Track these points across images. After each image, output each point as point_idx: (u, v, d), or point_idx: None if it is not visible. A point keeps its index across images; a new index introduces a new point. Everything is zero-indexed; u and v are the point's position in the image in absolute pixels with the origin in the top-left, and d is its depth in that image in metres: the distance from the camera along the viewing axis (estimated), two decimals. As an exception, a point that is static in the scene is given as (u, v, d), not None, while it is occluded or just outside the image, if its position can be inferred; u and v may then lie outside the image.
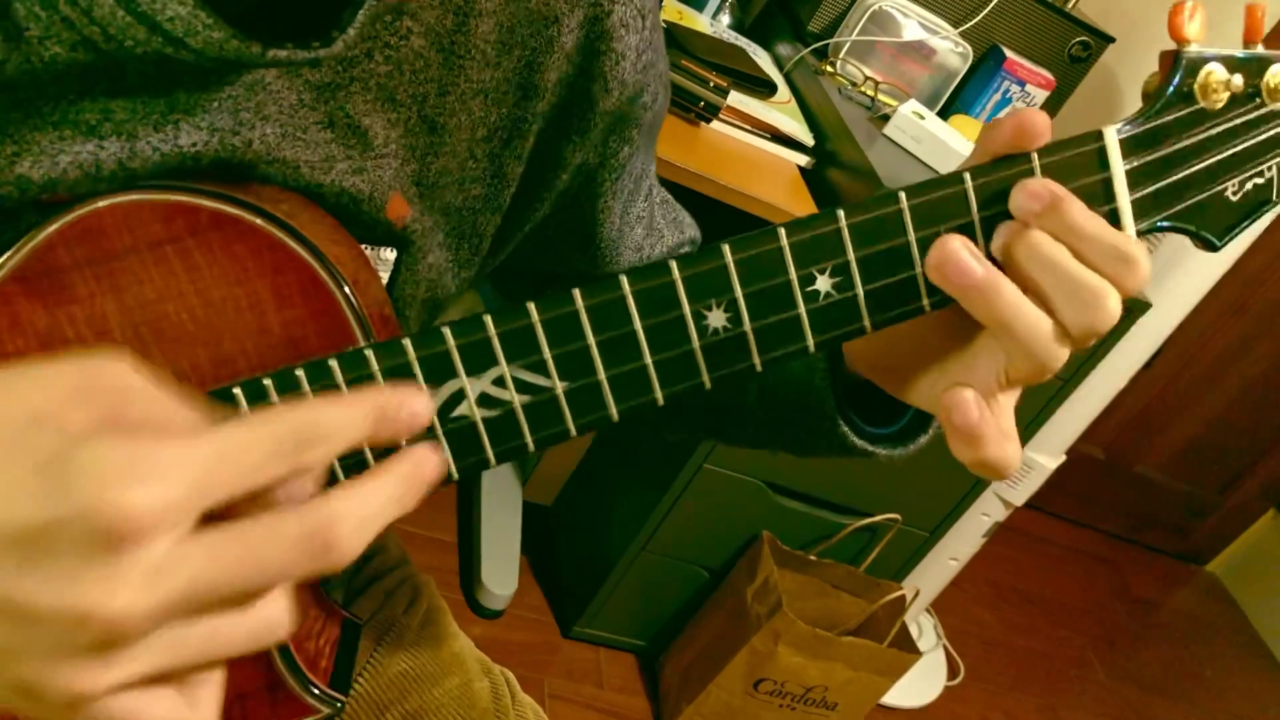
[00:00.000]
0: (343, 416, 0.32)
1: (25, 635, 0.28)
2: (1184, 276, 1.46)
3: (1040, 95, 1.50)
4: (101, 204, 0.36)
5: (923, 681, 1.85)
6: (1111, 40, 1.51)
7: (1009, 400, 0.41)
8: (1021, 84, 1.48)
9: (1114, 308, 0.37)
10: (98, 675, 0.28)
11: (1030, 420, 1.38)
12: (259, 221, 0.37)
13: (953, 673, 1.93)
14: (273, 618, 0.31)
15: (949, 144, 1.26)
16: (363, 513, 0.31)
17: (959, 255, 0.37)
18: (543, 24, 0.48)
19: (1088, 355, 1.32)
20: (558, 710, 1.50)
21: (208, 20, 0.35)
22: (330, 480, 0.37)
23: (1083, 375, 1.34)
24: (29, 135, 0.36)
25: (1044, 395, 1.36)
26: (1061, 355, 0.38)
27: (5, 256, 0.36)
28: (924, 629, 1.93)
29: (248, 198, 0.38)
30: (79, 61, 0.36)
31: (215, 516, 0.30)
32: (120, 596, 0.27)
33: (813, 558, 1.49)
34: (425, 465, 0.33)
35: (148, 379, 0.31)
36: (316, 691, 0.42)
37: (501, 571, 1.58)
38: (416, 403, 0.33)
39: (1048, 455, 1.60)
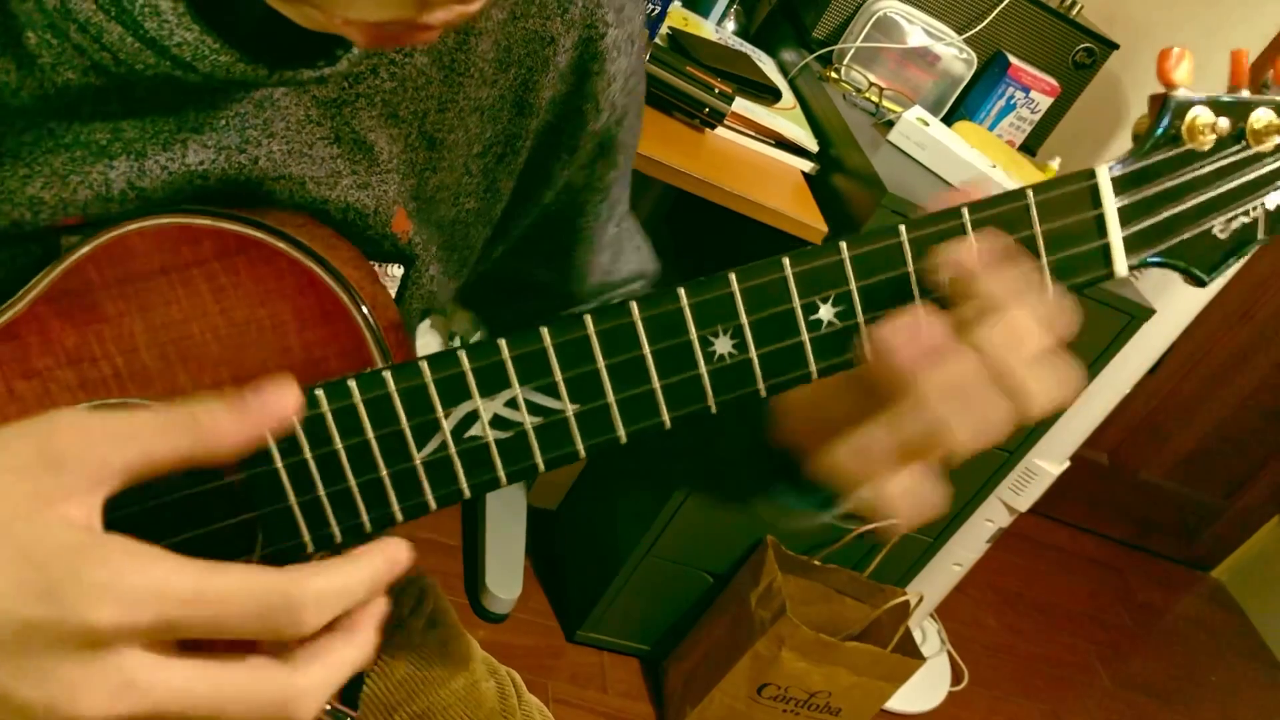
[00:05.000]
0: (330, 587, 0.33)
1: None
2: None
3: (1044, 102, 1.51)
4: (131, 228, 0.38)
5: (926, 687, 1.86)
6: (1115, 46, 1.52)
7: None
8: (1026, 90, 1.49)
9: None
10: None
11: (1035, 426, 1.39)
12: (282, 245, 0.38)
13: (956, 678, 1.93)
14: None
15: (953, 150, 1.27)
16: (326, 688, 0.33)
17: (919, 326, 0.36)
18: (539, 44, 0.49)
19: (1093, 361, 1.32)
20: (562, 714, 1.51)
21: (214, 45, 0.36)
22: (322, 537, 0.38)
23: (1087, 381, 1.34)
24: (41, 157, 0.37)
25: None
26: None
27: (36, 278, 0.38)
28: (928, 634, 1.93)
29: (270, 221, 0.39)
30: (91, 85, 0.37)
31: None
32: (83, 702, 0.30)
33: (816, 563, 1.50)
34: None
35: (98, 422, 0.33)
36: (328, 707, 0.43)
37: (506, 575, 1.59)
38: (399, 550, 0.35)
39: (1052, 461, 1.60)
